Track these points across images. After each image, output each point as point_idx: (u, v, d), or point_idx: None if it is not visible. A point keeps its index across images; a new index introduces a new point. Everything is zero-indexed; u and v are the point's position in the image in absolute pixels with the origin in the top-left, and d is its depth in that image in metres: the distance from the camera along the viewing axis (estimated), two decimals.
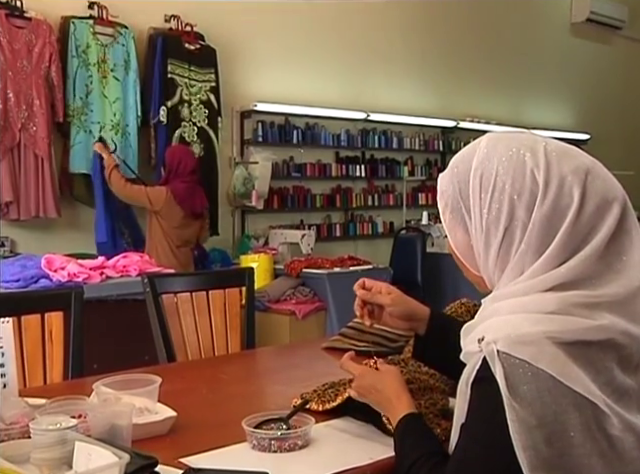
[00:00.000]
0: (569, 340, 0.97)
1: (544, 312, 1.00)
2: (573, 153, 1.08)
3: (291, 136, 5.55)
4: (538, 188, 1.04)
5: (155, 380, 1.47)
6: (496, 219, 1.06)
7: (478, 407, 1.03)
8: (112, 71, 4.41)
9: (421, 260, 5.71)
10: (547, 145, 1.07)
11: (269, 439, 1.30)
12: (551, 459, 0.95)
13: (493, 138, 1.12)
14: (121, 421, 1.23)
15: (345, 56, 5.91)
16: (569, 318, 0.99)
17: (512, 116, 7.37)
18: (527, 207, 1.04)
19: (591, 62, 8.33)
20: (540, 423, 0.95)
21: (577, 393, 0.95)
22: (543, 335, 0.97)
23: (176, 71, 4.68)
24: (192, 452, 1.28)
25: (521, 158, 1.06)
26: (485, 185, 1.07)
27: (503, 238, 1.06)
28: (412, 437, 1.21)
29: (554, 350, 0.96)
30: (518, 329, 0.99)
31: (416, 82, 6.54)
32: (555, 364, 0.96)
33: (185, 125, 4.75)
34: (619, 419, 0.97)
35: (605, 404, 0.96)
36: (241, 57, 5.20)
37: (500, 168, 1.06)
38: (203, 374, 2.03)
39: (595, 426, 0.96)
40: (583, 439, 0.95)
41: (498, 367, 0.97)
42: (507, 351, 0.97)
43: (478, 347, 1.02)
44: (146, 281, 2.34)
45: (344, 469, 1.23)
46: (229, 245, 5.13)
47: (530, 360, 0.96)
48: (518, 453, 0.95)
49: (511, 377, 0.96)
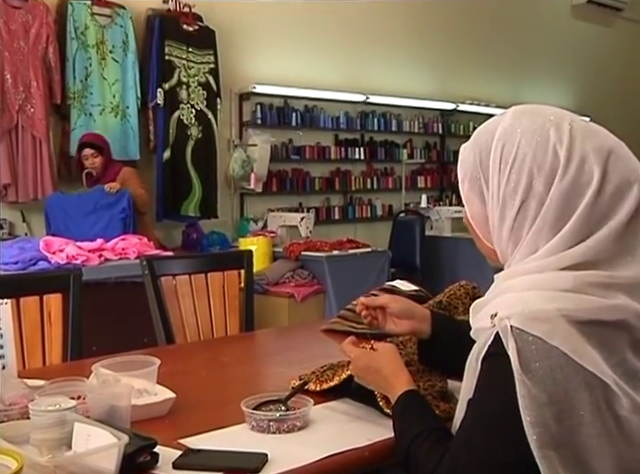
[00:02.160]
0: (583, 319, 0.97)
1: (559, 290, 0.99)
2: (598, 132, 1.07)
3: (290, 118, 5.53)
4: (559, 163, 1.03)
5: (154, 362, 1.47)
6: (513, 191, 1.05)
7: (488, 383, 1.03)
8: (111, 53, 4.38)
9: (420, 243, 5.71)
10: (573, 122, 1.06)
11: (268, 420, 1.30)
12: (560, 437, 0.95)
13: (519, 111, 1.12)
14: (120, 402, 1.24)
15: (344, 38, 5.87)
16: (584, 297, 0.98)
17: (512, 98, 7.33)
18: (546, 182, 1.03)
19: (592, 44, 8.29)
20: (550, 400, 0.95)
21: (589, 372, 0.95)
22: (557, 312, 0.97)
23: (174, 53, 4.65)
24: (191, 433, 1.29)
25: (545, 132, 1.05)
26: (506, 156, 1.06)
27: (518, 211, 1.05)
28: (412, 413, 1.21)
29: (568, 328, 0.96)
30: (532, 305, 0.98)
31: (416, 64, 6.50)
32: (569, 342, 0.95)
33: (183, 107, 4.73)
34: (629, 400, 0.97)
35: (616, 384, 0.96)
36: (240, 38, 5.16)
37: (523, 140, 1.06)
38: (202, 356, 2.03)
39: (605, 406, 0.96)
40: (592, 418, 0.95)
41: (511, 343, 0.97)
42: (521, 327, 0.97)
43: (491, 323, 1.02)
44: (145, 263, 2.34)
45: (342, 450, 1.23)
46: (228, 228, 5.12)
47: (544, 337, 0.96)
48: (527, 429, 0.95)
49: (523, 353, 0.96)
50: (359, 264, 4.78)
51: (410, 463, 1.14)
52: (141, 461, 1.12)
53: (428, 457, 1.10)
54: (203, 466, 1.14)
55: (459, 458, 1.04)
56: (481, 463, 1.01)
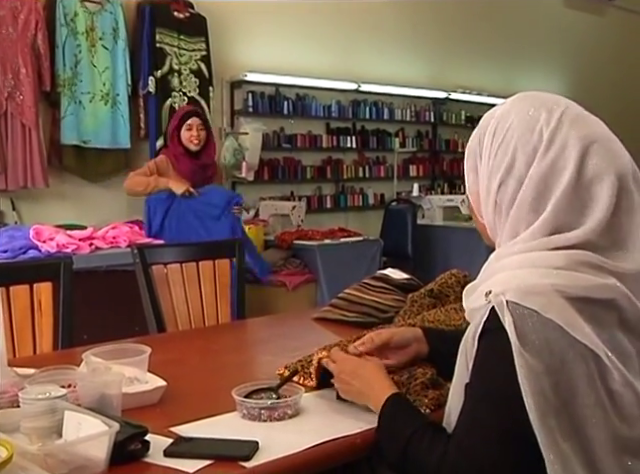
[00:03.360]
0: (575, 295, 1.00)
1: (552, 267, 1.02)
2: (589, 122, 1.09)
3: (281, 107, 5.51)
4: (541, 145, 1.06)
5: (145, 350, 1.47)
6: (497, 167, 1.10)
7: (486, 359, 1.04)
8: (101, 40, 4.34)
9: (412, 232, 5.72)
10: (567, 109, 1.09)
11: (259, 408, 1.30)
12: (558, 407, 0.97)
13: (521, 96, 1.16)
14: (111, 390, 1.23)
15: (336, 26, 5.84)
16: (576, 274, 1.01)
17: (504, 87, 7.33)
18: (527, 161, 1.07)
19: (583, 33, 8.28)
20: (548, 370, 0.97)
21: (582, 344, 0.97)
22: (552, 287, 0.99)
23: (165, 40, 4.62)
24: (182, 421, 1.29)
25: (536, 115, 1.09)
26: (498, 134, 1.11)
27: (499, 187, 1.10)
28: (403, 415, 1.21)
29: (562, 302, 0.99)
30: (527, 281, 1.01)
31: (407, 53, 6.49)
32: (563, 315, 0.98)
33: (175, 95, 4.70)
34: (619, 374, 0.99)
35: (607, 358, 0.99)
36: (231, 26, 5.13)
37: (515, 121, 1.10)
38: (193, 344, 2.03)
39: (598, 378, 0.98)
40: (588, 390, 0.97)
41: (507, 317, 0.99)
42: (516, 301, 0.99)
43: (485, 300, 1.04)
44: (136, 252, 2.33)
45: (334, 438, 1.23)
46: None
47: (539, 310, 0.98)
48: (526, 399, 0.96)
49: (520, 326, 0.98)
50: (351, 253, 4.78)
51: (409, 462, 1.13)
52: (132, 449, 1.12)
53: (430, 451, 1.09)
54: (194, 454, 1.14)
55: (467, 441, 1.04)
56: (490, 441, 1.01)
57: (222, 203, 3.77)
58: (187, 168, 3.80)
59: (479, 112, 7.10)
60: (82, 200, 4.43)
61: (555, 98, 1.13)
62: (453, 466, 1.04)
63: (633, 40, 8.84)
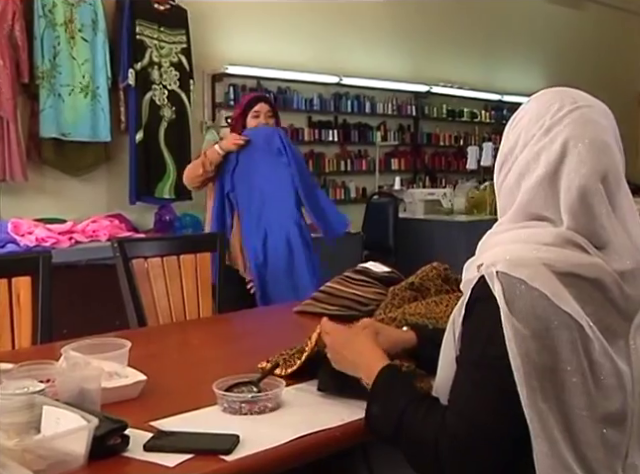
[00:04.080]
0: (562, 270, 1.05)
1: (541, 243, 1.08)
2: (590, 126, 1.12)
3: None
4: (538, 133, 1.13)
5: (125, 344, 1.47)
6: (503, 146, 1.19)
7: (478, 327, 1.08)
8: (80, 32, 4.29)
9: (393, 225, 5.73)
10: (579, 108, 1.13)
11: (239, 402, 1.30)
12: (541, 370, 1.01)
13: (553, 90, 1.20)
14: (90, 385, 1.23)
15: (318, 19, 5.83)
16: (564, 251, 1.07)
17: (485, 81, 7.36)
18: (524, 145, 1.14)
19: (563, 27, 8.33)
20: (533, 335, 1.02)
21: (567, 313, 1.03)
22: (539, 261, 1.05)
23: (145, 32, 4.58)
24: (162, 415, 1.28)
25: (549, 107, 1.14)
26: (517, 117, 1.19)
27: (502, 166, 1.18)
28: (397, 386, 1.21)
29: (549, 274, 1.04)
30: (516, 254, 1.08)
31: (389, 47, 6.48)
32: (549, 285, 1.03)
33: (155, 88, 4.66)
34: (599, 345, 1.04)
35: (589, 328, 1.04)
36: (212, 18, 5.10)
37: (531, 109, 1.17)
38: (174, 338, 2.02)
39: (581, 346, 1.03)
40: (570, 356, 1.02)
41: (497, 285, 1.04)
42: (505, 271, 1.05)
43: (477, 272, 1.09)
44: (116, 246, 2.32)
45: (315, 431, 1.23)
46: (201, 210, 5.08)
47: (526, 279, 1.03)
48: (512, 361, 1.01)
49: (508, 294, 1.04)
50: (332, 246, 4.78)
51: (403, 434, 1.14)
52: (111, 444, 1.11)
53: (427, 421, 1.10)
54: (174, 448, 1.14)
55: (465, 407, 1.07)
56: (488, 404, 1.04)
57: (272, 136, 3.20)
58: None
59: (460, 106, 7.12)
60: (62, 194, 4.38)
61: (583, 97, 1.17)
62: (452, 434, 1.06)
63: (611, 34, 8.90)
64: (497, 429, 1.04)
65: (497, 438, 1.04)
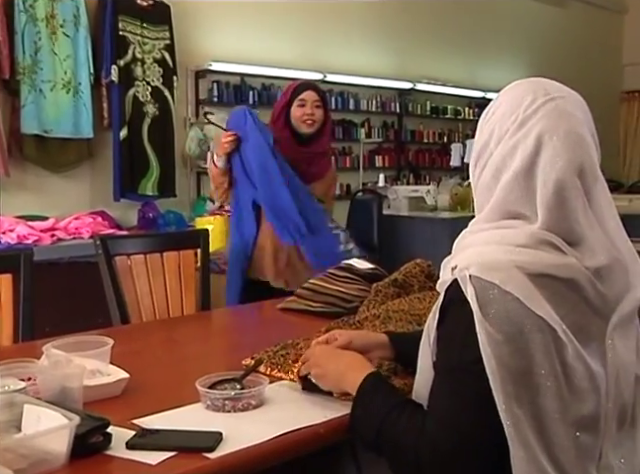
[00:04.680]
0: (535, 272, 1.04)
1: (515, 245, 1.06)
2: (564, 117, 1.10)
3: (247, 96, 5.47)
4: (512, 127, 1.11)
5: (107, 342, 1.46)
6: (479, 141, 1.17)
7: (453, 331, 1.07)
8: (61, 27, 4.26)
9: (377, 222, 5.73)
10: (552, 100, 1.12)
11: (223, 399, 1.30)
12: (515, 374, 1.01)
13: (525, 80, 1.20)
14: (72, 383, 1.22)
15: (302, 16, 5.82)
16: (537, 252, 1.06)
17: (469, 78, 7.38)
18: (498, 140, 1.13)
19: (547, 25, 8.37)
20: (506, 339, 1.01)
21: (540, 317, 1.02)
22: (512, 263, 1.04)
23: (128, 28, 4.55)
24: (145, 413, 1.28)
25: (521, 100, 1.13)
26: (489, 111, 1.18)
27: (477, 162, 1.16)
28: (381, 391, 1.21)
29: (522, 277, 1.03)
30: (489, 257, 1.07)
31: (373, 44, 6.48)
32: (521, 288, 1.02)
33: (138, 84, 4.63)
34: (573, 348, 1.03)
35: (563, 332, 1.03)
36: (195, 14, 5.07)
37: (504, 102, 1.16)
38: (157, 336, 2.02)
39: (554, 350, 1.02)
40: (543, 360, 1.01)
41: (470, 289, 1.04)
42: (478, 275, 1.04)
43: (451, 275, 1.08)
44: (98, 243, 2.30)
45: (298, 428, 1.23)
46: (184, 207, 5.06)
47: (499, 283, 1.02)
48: (487, 366, 1.00)
49: (481, 297, 1.03)
50: None
51: (383, 439, 1.14)
52: (93, 442, 1.10)
53: (407, 429, 1.10)
54: (157, 446, 1.13)
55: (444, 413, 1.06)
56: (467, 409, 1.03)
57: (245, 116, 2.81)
58: (288, 156, 2.80)
59: (444, 103, 7.14)
60: (44, 191, 4.35)
61: (556, 88, 1.15)
62: (432, 440, 1.05)
63: (594, 32, 8.96)
64: (477, 435, 1.03)
65: (477, 444, 1.03)
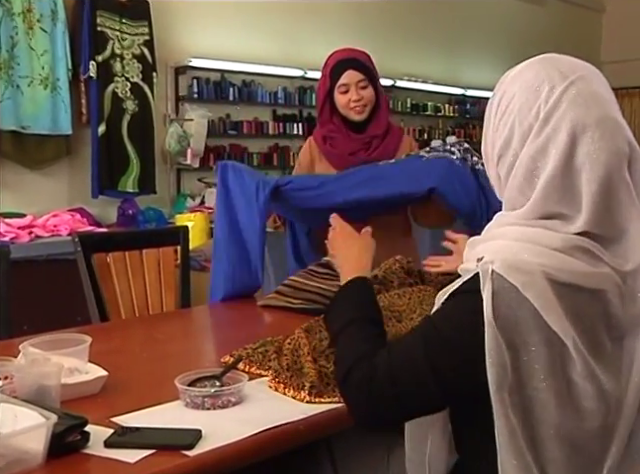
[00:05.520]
0: (562, 280, 0.99)
1: (548, 247, 1.00)
2: (591, 103, 1.03)
3: (227, 93, 5.45)
4: (536, 123, 1.04)
5: (85, 340, 1.45)
6: (498, 138, 1.09)
7: (453, 313, 1.06)
8: (38, 22, 4.21)
9: None
10: (572, 84, 1.03)
11: (202, 397, 1.29)
12: (513, 383, 0.98)
13: (537, 60, 1.12)
14: (49, 381, 1.21)
15: (282, 12, 5.80)
16: (569, 259, 1.00)
17: (449, 75, 7.41)
18: (522, 138, 1.05)
19: (526, 23, 8.42)
20: (510, 347, 0.98)
21: (552, 330, 0.97)
22: (539, 267, 0.98)
23: (106, 24, 4.51)
24: (124, 411, 1.27)
25: (539, 91, 1.05)
26: (502, 104, 1.09)
27: (499, 159, 1.10)
28: (358, 298, 1.28)
29: (544, 285, 0.98)
30: (517, 256, 1.00)
31: (354, 40, 6.45)
32: (541, 297, 0.97)
33: (118, 80, 4.60)
34: (585, 366, 0.99)
35: (575, 348, 0.98)
36: (175, 10, 5.04)
37: (518, 93, 1.07)
38: (137, 333, 2.01)
39: (559, 366, 0.98)
40: (545, 374, 0.98)
41: (488, 285, 0.99)
42: (501, 273, 0.99)
43: (476, 266, 1.04)
44: (77, 240, 2.29)
45: (277, 425, 1.23)
46: (164, 204, 5.04)
47: (520, 287, 0.98)
48: (488, 369, 0.98)
49: (497, 298, 0.98)
50: None
51: (339, 341, 1.20)
52: (71, 440, 1.10)
53: (357, 344, 1.15)
54: (135, 444, 1.13)
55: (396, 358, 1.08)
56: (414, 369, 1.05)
57: None
58: (344, 149, 2.40)
59: (425, 100, 7.16)
60: (21, 188, 4.30)
61: (569, 66, 1.07)
62: (369, 370, 1.09)
63: (572, 30, 9.03)
64: (410, 395, 1.06)
65: (403, 402, 1.07)
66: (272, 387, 1.40)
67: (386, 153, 2.36)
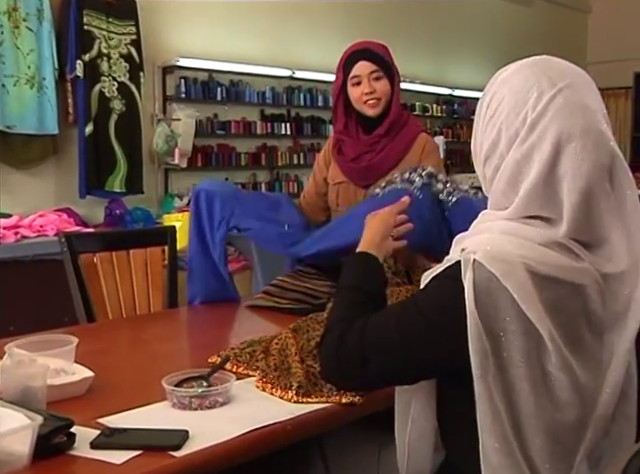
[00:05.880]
0: (542, 272, 1.01)
1: (531, 241, 1.03)
2: (576, 112, 1.04)
3: (215, 93, 5.43)
4: (522, 130, 1.06)
5: (71, 340, 1.44)
6: (486, 140, 1.11)
7: (433, 295, 1.10)
8: (25, 21, 4.18)
9: None
10: (560, 92, 1.05)
11: (189, 397, 1.29)
12: (494, 370, 1.01)
13: (528, 63, 1.13)
14: (35, 383, 1.20)
15: (271, 12, 5.79)
16: (552, 252, 1.02)
17: (436, 76, 7.43)
18: (509, 143, 1.07)
19: (512, 23, 8.46)
20: (490, 334, 1.00)
21: (529, 320, 0.99)
22: (520, 259, 1.01)
23: (93, 23, 4.49)
24: (111, 412, 1.27)
25: (527, 96, 1.06)
26: (491, 106, 1.11)
27: (486, 160, 1.12)
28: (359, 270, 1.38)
29: (524, 276, 1.00)
30: (500, 247, 1.03)
31: (341, 40, 6.44)
32: (520, 287, 0.99)
33: (105, 80, 4.57)
34: (559, 358, 1.00)
35: (550, 339, 1.00)
36: (162, 10, 5.02)
37: (507, 97, 1.09)
38: (124, 334, 2.00)
39: (535, 355, 1.01)
40: (521, 362, 1.00)
41: (469, 273, 1.02)
42: (482, 262, 1.01)
43: (459, 256, 1.06)
44: (63, 240, 2.27)
45: (265, 425, 1.23)
46: (152, 204, 5.02)
47: (500, 276, 1.00)
48: (471, 355, 1.01)
49: (478, 286, 1.01)
50: None
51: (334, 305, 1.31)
52: (56, 442, 1.09)
53: (344, 311, 1.25)
54: (122, 445, 1.12)
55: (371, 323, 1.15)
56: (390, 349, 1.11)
57: None
58: (348, 155, 2.29)
59: (412, 100, 7.17)
60: (7, 187, 4.26)
61: (559, 72, 1.08)
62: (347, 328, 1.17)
63: (557, 30, 9.08)
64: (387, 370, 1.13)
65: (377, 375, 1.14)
66: (259, 387, 1.40)
67: (391, 155, 2.22)
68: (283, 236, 2.19)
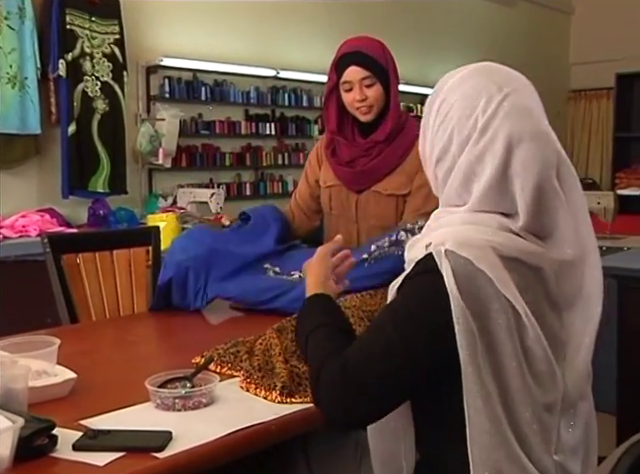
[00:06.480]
0: (508, 255, 1.08)
1: (491, 227, 1.10)
2: (525, 115, 1.12)
3: (199, 93, 5.42)
4: (474, 133, 1.12)
5: (54, 342, 1.43)
6: (437, 143, 1.17)
7: (414, 293, 1.11)
8: (6, 19, 4.15)
9: None
10: (508, 96, 1.12)
11: (173, 398, 1.28)
12: (483, 349, 1.05)
13: (476, 69, 1.19)
14: (16, 384, 1.19)
15: (255, 12, 5.79)
16: (511, 236, 1.10)
17: (419, 76, 7.44)
18: (460, 146, 1.13)
19: (496, 24, 8.50)
20: (475, 315, 1.05)
21: (506, 299, 1.05)
22: (487, 243, 1.08)
23: (76, 22, 4.46)
24: (93, 414, 1.26)
25: (476, 101, 1.13)
26: (442, 110, 1.16)
27: (437, 162, 1.17)
28: (321, 309, 1.34)
29: (494, 257, 1.07)
30: (465, 235, 1.10)
31: (326, 40, 6.48)
32: (493, 269, 1.06)
33: (87, 79, 4.55)
34: (534, 332, 1.08)
35: (526, 315, 1.06)
36: (146, 9, 5.00)
37: (457, 103, 1.15)
38: (107, 335, 1.99)
39: (516, 332, 1.06)
40: (506, 339, 1.05)
41: (445, 263, 1.06)
42: (454, 250, 1.07)
43: (425, 251, 1.11)
44: (46, 241, 2.26)
45: (249, 425, 1.23)
46: (136, 204, 4.99)
47: (473, 260, 1.06)
48: (458, 339, 1.04)
49: (456, 271, 1.06)
50: None
51: (308, 350, 1.25)
52: (38, 444, 1.08)
53: (323, 347, 1.21)
54: (105, 446, 1.12)
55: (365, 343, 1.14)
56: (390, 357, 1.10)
57: None
58: (343, 158, 2.24)
59: None
60: None
61: (504, 78, 1.16)
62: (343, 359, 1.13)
63: (541, 31, 9.13)
64: (382, 390, 1.10)
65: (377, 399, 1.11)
66: (243, 388, 1.40)
67: (388, 161, 2.15)
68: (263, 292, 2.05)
